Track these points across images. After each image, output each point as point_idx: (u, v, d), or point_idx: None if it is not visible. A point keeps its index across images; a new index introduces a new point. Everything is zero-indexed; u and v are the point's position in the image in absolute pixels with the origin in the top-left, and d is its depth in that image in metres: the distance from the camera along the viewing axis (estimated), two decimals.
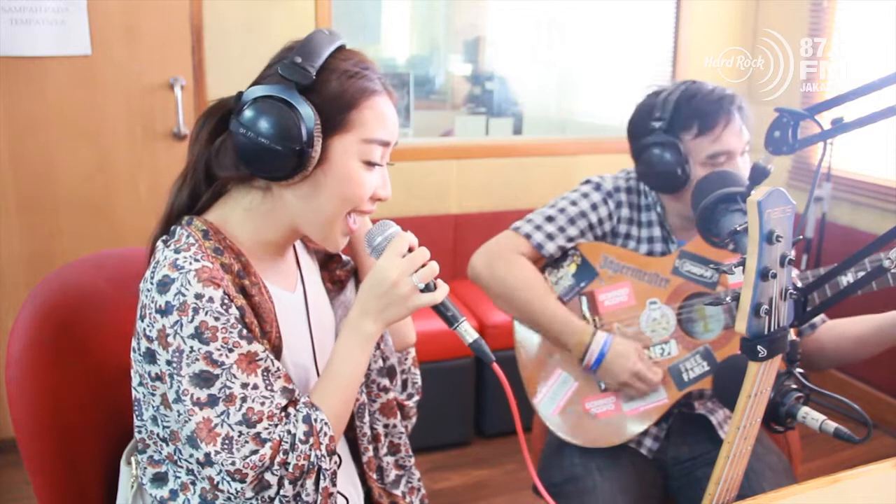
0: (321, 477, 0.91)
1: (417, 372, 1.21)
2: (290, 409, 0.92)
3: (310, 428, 0.91)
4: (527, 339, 1.49)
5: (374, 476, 1.13)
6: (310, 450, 0.90)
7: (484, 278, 1.46)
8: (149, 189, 2.63)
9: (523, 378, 1.47)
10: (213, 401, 0.87)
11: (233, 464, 0.86)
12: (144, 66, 2.56)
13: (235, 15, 2.65)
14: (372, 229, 0.99)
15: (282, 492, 0.89)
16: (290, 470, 0.89)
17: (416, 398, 1.20)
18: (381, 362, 1.14)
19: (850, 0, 2.93)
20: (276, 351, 0.96)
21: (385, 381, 1.14)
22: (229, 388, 0.87)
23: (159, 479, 0.99)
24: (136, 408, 0.99)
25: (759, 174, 1.43)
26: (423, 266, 0.94)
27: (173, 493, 0.98)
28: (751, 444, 0.91)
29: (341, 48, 0.97)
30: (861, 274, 1.29)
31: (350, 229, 0.99)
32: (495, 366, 0.95)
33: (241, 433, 0.87)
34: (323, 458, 0.91)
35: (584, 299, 1.46)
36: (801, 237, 1.52)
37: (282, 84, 0.91)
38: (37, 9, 2.38)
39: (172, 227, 0.97)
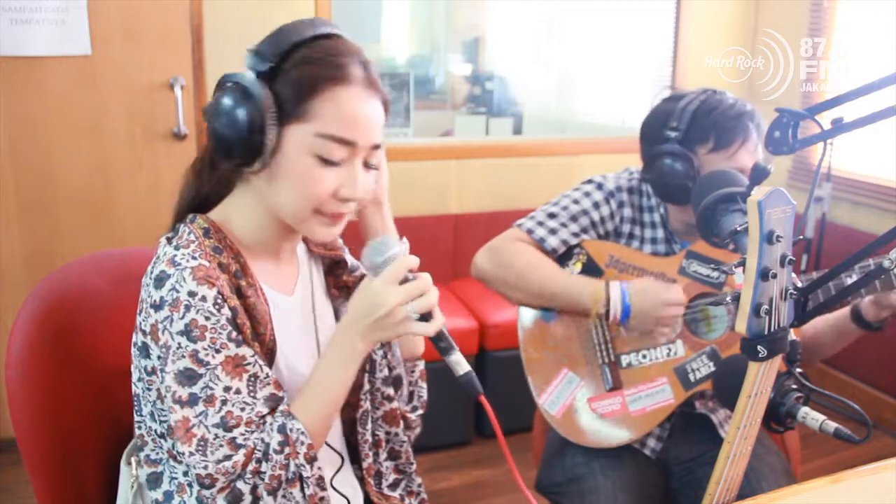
0: (305, 485, 0.90)
1: (424, 386, 1.18)
2: (268, 418, 0.91)
3: (285, 438, 0.89)
4: (532, 338, 1.48)
5: (372, 482, 1.12)
6: (286, 459, 0.89)
7: (489, 271, 1.44)
8: (149, 189, 2.62)
9: (529, 378, 1.46)
10: (193, 400, 0.87)
11: (205, 467, 0.86)
12: (144, 66, 2.55)
13: (235, 15, 2.65)
14: (371, 246, 0.94)
15: (261, 503, 0.88)
16: (266, 480, 0.88)
17: (421, 411, 1.18)
18: (386, 371, 1.12)
19: (850, 0, 2.93)
20: (270, 354, 0.95)
21: (390, 391, 1.12)
22: (211, 389, 0.87)
23: (153, 481, 0.99)
24: (135, 403, 0.99)
25: (759, 174, 1.43)
26: (421, 296, 0.90)
27: (168, 496, 0.98)
28: (751, 444, 0.91)
29: (327, 35, 0.93)
30: (861, 274, 1.29)
31: (333, 218, 0.94)
32: (482, 398, 0.91)
33: (216, 436, 0.87)
34: (303, 467, 0.90)
35: None
36: (801, 237, 1.52)
37: (246, 70, 0.90)
38: (37, 9, 2.37)
39: (177, 225, 0.97)
